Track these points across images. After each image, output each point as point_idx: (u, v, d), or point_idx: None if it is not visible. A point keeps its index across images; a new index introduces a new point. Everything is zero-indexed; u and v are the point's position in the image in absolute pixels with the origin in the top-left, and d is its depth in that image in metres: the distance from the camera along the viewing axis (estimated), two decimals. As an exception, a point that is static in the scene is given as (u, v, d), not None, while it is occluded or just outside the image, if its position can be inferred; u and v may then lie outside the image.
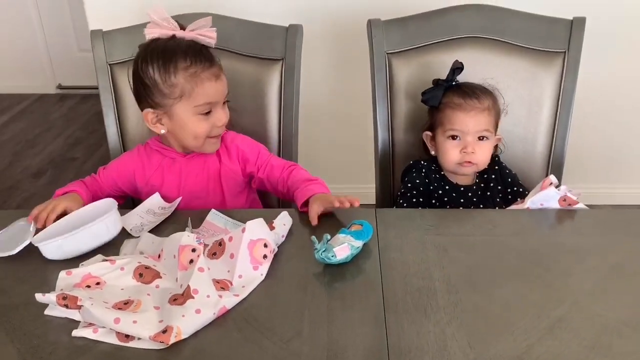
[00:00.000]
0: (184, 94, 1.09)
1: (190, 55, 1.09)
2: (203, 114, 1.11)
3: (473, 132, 1.22)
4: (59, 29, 3.46)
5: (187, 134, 1.13)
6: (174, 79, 1.08)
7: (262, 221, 0.96)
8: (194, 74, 1.09)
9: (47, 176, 2.69)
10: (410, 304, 0.85)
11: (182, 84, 1.09)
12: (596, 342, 0.78)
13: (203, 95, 1.10)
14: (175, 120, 1.12)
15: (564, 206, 1.09)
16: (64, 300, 0.82)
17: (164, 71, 1.08)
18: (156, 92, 1.10)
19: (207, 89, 1.10)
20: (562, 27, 1.35)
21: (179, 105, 1.10)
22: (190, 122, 1.11)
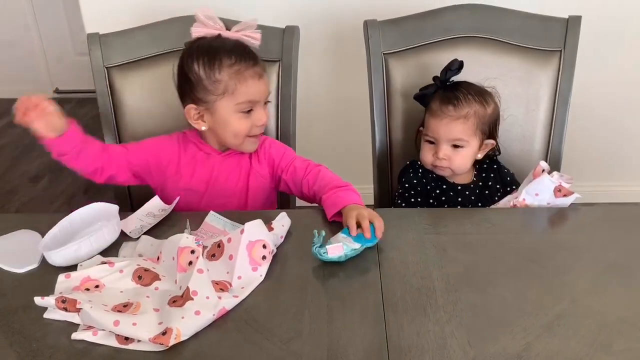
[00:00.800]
0: (227, 90, 1.10)
1: (235, 53, 1.10)
2: (244, 112, 1.12)
3: (445, 139, 1.23)
4: (55, 33, 3.45)
5: (228, 131, 1.14)
6: (218, 75, 1.09)
7: (260, 222, 0.96)
8: (237, 72, 1.10)
9: (45, 181, 2.69)
10: (410, 303, 0.85)
11: (226, 81, 1.10)
12: (595, 339, 0.79)
13: (245, 93, 1.11)
14: (217, 117, 1.12)
15: (559, 197, 1.09)
16: (63, 304, 0.82)
17: (209, 67, 1.09)
18: (200, 88, 1.11)
19: (249, 87, 1.11)
20: (558, 25, 1.36)
21: (221, 102, 1.11)
22: (231, 120, 1.12)
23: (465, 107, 1.21)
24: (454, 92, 1.23)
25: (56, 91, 3.60)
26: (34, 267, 0.95)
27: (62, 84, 3.59)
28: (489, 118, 1.25)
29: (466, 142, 1.23)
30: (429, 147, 1.26)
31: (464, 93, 1.22)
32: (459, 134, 1.22)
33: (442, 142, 1.23)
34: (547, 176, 1.10)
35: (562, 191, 1.09)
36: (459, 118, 1.21)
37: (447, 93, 1.23)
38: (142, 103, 1.40)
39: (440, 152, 1.23)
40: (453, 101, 1.21)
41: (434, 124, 1.23)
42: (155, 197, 1.13)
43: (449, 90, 1.24)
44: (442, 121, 1.22)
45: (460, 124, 1.21)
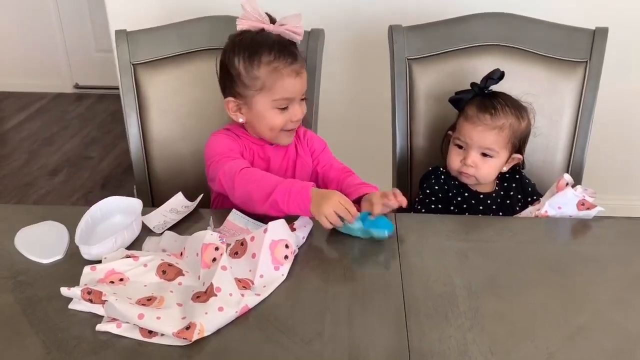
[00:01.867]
0: (264, 86, 1.12)
1: (275, 50, 1.11)
2: (280, 108, 1.14)
3: (476, 146, 1.22)
4: (78, 29, 3.49)
5: (264, 125, 1.16)
6: (257, 71, 1.11)
7: (283, 222, 0.97)
8: (275, 69, 1.11)
9: (63, 174, 2.72)
10: (432, 309, 0.85)
11: (264, 77, 1.11)
12: (617, 352, 0.78)
13: (282, 90, 1.12)
14: (254, 111, 1.15)
15: (582, 210, 1.08)
16: (88, 295, 0.83)
17: (249, 63, 1.11)
18: (239, 82, 1.13)
19: (286, 84, 1.12)
20: (584, 36, 1.35)
21: (259, 97, 1.13)
22: (267, 114, 1.14)
23: (502, 118, 1.21)
24: (492, 101, 1.22)
25: (76, 86, 3.65)
26: (59, 258, 0.97)
27: (82, 80, 3.64)
28: (522, 133, 1.25)
29: (496, 153, 1.22)
30: (457, 151, 1.26)
31: (502, 104, 1.22)
32: (491, 144, 1.22)
33: (473, 149, 1.22)
34: (570, 190, 1.09)
35: (586, 204, 1.08)
36: (495, 128, 1.21)
37: (485, 101, 1.23)
38: (166, 101, 1.41)
39: (469, 158, 1.23)
40: (491, 110, 1.21)
41: (468, 129, 1.23)
42: (178, 194, 1.14)
43: (487, 99, 1.23)
44: (477, 128, 1.21)
45: (494, 134, 1.21)
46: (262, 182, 1.03)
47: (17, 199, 2.50)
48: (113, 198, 1.05)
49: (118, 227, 1.00)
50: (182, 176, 1.41)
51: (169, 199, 1.12)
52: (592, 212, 1.08)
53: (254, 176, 1.05)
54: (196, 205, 1.11)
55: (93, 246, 0.94)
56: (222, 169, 1.09)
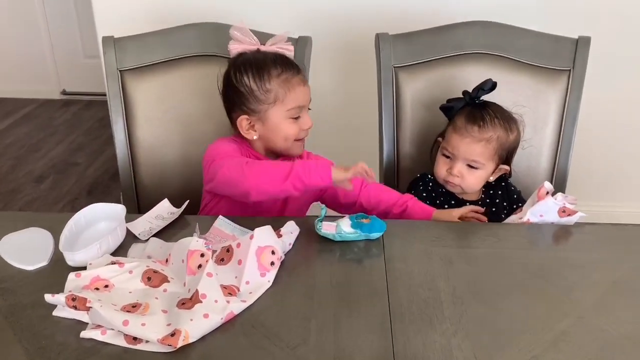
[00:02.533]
0: (277, 98, 1.16)
1: (279, 63, 1.17)
2: (293, 117, 1.18)
3: (462, 157, 1.23)
4: (66, 35, 3.48)
5: (279, 136, 1.19)
6: (269, 85, 1.16)
7: (269, 229, 0.97)
8: (286, 80, 1.16)
9: (50, 181, 2.70)
10: (416, 314, 0.86)
11: (276, 89, 1.16)
12: (599, 356, 0.79)
13: (294, 99, 1.17)
14: (268, 124, 1.18)
15: (564, 217, 1.10)
16: (73, 302, 0.83)
17: (259, 78, 1.16)
18: (252, 98, 1.16)
19: (297, 93, 1.17)
20: (568, 45, 1.38)
21: (273, 110, 1.17)
22: (282, 125, 1.18)
23: (490, 131, 1.21)
24: (481, 112, 1.23)
25: (63, 92, 3.63)
26: (44, 264, 0.96)
27: (70, 86, 3.62)
28: (510, 145, 1.25)
29: (482, 165, 1.23)
30: (444, 160, 1.27)
31: (491, 116, 1.23)
32: (477, 156, 1.22)
33: (459, 160, 1.24)
34: (551, 198, 1.11)
35: (567, 211, 1.10)
36: (481, 140, 1.21)
37: (474, 111, 1.23)
38: (153, 107, 1.41)
39: (454, 168, 1.24)
40: (479, 122, 1.21)
41: (456, 140, 1.23)
42: (164, 200, 1.14)
43: (477, 109, 1.24)
44: (464, 139, 1.22)
45: (481, 147, 1.22)
46: (275, 166, 1.10)
47: (3, 206, 2.48)
48: (97, 205, 1.05)
49: (102, 233, 1.00)
50: (169, 182, 1.41)
51: (155, 206, 1.12)
52: (573, 218, 1.10)
53: (264, 163, 1.13)
54: (182, 212, 1.11)
55: (77, 252, 0.94)
56: (225, 164, 1.11)
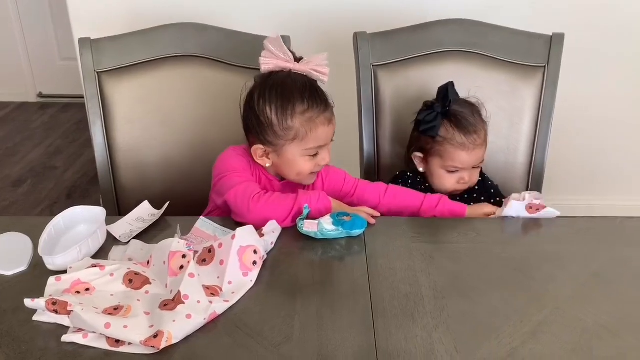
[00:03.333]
0: (297, 137, 1.10)
1: (307, 97, 1.09)
2: (311, 155, 1.13)
3: (470, 166, 1.26)
4: (41, 37, 3.43)
5: (292, 171, 1.15)
6: (290, 122, 1.09)
7: (251, 228, 0.97)
8: (310, 119, 1.09)
9: (27, 185, 2.66)
10: (398, 309, 0.87)
11: (298, 128, 1.09)
12: (577, 345, 0.81)
13: (315, 140, 1.11)
14: (283, 158, 1.13)
15: (534, 213, 1.11)
16: (53, 306, 0.82)
17: (282, 113, 1.09)
18: (270, 131, 1.10)
19: (320, 133, 1.10)
20: (542, 42, 1.40)
21: (290, 147, 1.11)
22: (297, 162, 1.13)
23: (482, 131, 1.26)
24: (465, 119, 1.24)
25: (40, 95, 3.58)
26: (23, 269, 0.95)
27: (46, 89, 3.57)
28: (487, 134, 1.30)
29: (483, 162, 1.29)
30: (450, 175, 1.27)
31: (473, 117, 1.25)
32: (483, 155, 1.27)
33: (467, 169, 1.26)
34: (513, 201, 1.11)
35: (534, 207, 1.11)
36: (482, 144, 1.26)
37: (461, 122, 1.24)
38: (132, 109, 1.40)
39: (466, 176, 1.26)
40: (473, 130, 1.24)
41: (464, 156, 1.24)
42: (145, 202, 1.13)
43: (457, 117, 1.24)
44: (471, 152, 1.24)
45: (482, 150, 1.26)
46: (279, 204, 1.06)
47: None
48: (77, 208, 1.04)
49: (82, 236, 0.99)
50: (149, 185, 1.40)
51: (135, 208, 1.11)
52: (542, 213, 1.11)
53: (269, 199, 1.06)
54: (163, 213, 1.11)
55: (57, 256, 0.93)
56: (233, 188, 1.08)
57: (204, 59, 1.37)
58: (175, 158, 1.40)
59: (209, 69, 1.38)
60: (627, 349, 0.81)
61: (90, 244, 0.97)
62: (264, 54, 1.11)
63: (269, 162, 1.15)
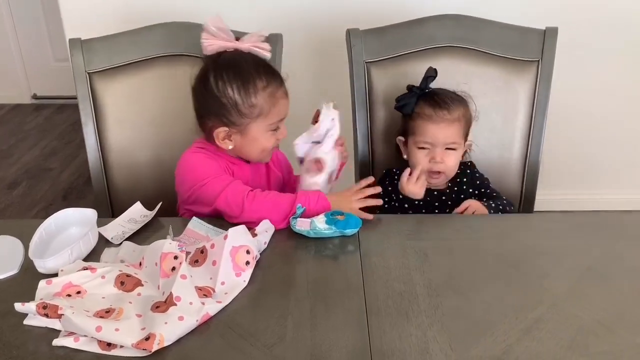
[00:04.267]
0: (262, 113, 1.11)
1: (264, 73, 1.11)
2: (273, 130, 1.14)
3: (442, 143, 1.24)
4: (34, 39, 3.41)
5: (256, 148, 1.15)
6: (254, 99, 1.10)
7: (244, 228, 0.96)
8: (271, 94, 1.11)
9: (23, 187, 2.65)
10: (392, 308, 0.86)
11: (262, 104, 1.11)
12: (573, 342, 0.80)
13: (277, 114, 1.13)
14: (248, 137, 1.13)
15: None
16: (44, 310, 0.81)
17: (244, 92, 1.10)
18: (234, 112, 1.10)
19: (281, 107, 1.13)
20: (536, 36, 1.39)
21: (255, 124, 1.12)
22: (261, 138, 1.14)
23: (456, 111, 1.24)
24: (440, 97, 1.25)
25: (34, 97, 3.57)
26: (13, 273, 0.94)
27: (41, 90, 3.55)
28: (470, 119, 1.29)
29: (458, 145, 1.25)
30: (423, 153, 1.26)
31: (451, 98, 1.26)
32: (454, 137, 1.24)
33: (438, 146, 1.24)
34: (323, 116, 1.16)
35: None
36: (454, 121, 1.24)
37: (434, 98, 1.25)
38: (124, 109, 1.39)
39: (437, 155, 1.24)
40: (446, 105, 1.24)
41: (432, 129, 1.24)
42: (137, 203, 1.13)
43: (433, 96, 1.26)
44: (439, 125, 1.23)
45: (455, 127, 1.24)
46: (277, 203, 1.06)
47: (-26, 214, 2.43)
48: (68, 210, 1.03)
49: (74, 239, 0.98)
50: (142, 185, 1.40)
51: (128, 209, 1.10)
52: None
53: (265, 198, 1.07)
54: (155, 214, 1.10)
55: (48, 259, 0.92)
56: (221, 194, 1.06)
57: (195, 58, 1.36)
58: (167, 158, 1.39)
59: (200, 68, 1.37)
60: (623, 345, 0.80)
61: (82, 246, 0.96)
62: (205, 35, 1.12)
63: (231, 144, 1.14)
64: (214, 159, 1.15)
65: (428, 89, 1.28)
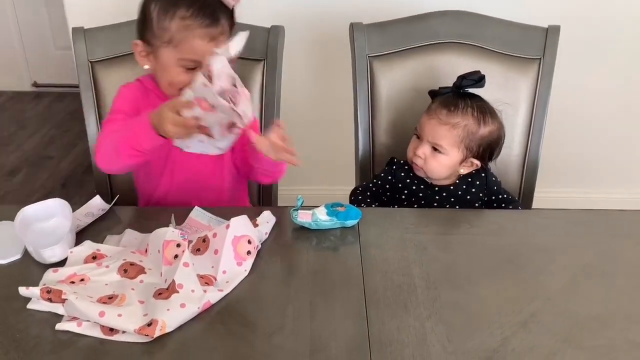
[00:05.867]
0: (171, 41, 1.06)
1: (195, 7, 1.04)
2: (187, 68, 1.07)
3: (427, 138, 1.24)
4: (36, 26, 3.40)
5: (164, 78, 1.11)
6: (167, 23, 1.05)
7: (246, 218, 0.97)
8: (187, 27, 1.04)
9: (22, 174, 2.65)
10: (391, 299, 0.88)
11: (173, 32, 1.05)
12: (567, 336, 0.82)
13: (190, 51, 1.05)
14: (159, 62, 1.09)
15: None
16: (48, 294, 0.82)
17: (162, 12, 1.05)
18: (149, 28, 1.08)
19: (196, 47, 1.05)
20: (538, 34, 1.40)
21: (165, 50, 1.07)
22: (170, 70, 1.08)
23: (457, 117, 1.21)
24: (457, 99, 1.24)
25: (34, 85, 3.56)
26: (17, 258, 0.95)
27: (41, 78, 3.54)
28: (481, 138, 1.23)
29: (445, 150, 1.23)
30: (415, 140, 1.28)
31: (466, 104, 1.23)
32: (440, 139, 1.22)
33: (425, 141, 1.24)
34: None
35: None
36: (446, 124, 1.21)
37: (453, 97, 1.24)
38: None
39: (419, 149, 1.24)
40: (449, 107, 1.22)
41: (424, 120, 1.25)
42: (96, 197, 1.11)
43: (456, 97, 1.24)
44: (430, 120, 1.23)
45: (444, 130, 1.22)
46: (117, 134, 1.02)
47: (-26, 201, 2.44)
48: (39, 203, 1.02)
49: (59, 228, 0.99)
50: (144, 174, 1.40)
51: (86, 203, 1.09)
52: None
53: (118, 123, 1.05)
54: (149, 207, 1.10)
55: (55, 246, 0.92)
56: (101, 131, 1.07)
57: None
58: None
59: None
60: (617, 339, 0.82)
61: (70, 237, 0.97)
62: None
63: (148, 63, 1.12)
64: (139, 96, 1.13)
65: (464, 90, 1.26)
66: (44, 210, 1.02)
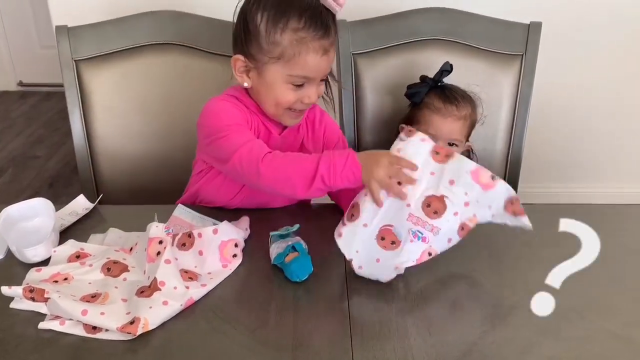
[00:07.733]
0: (282, 56, 0.97)
1: (307, 16, 0.95)
2: (295, 84, 1.00)
3: (445, 138, 1.26)
4: (20, 25, 3.38)
5: (270, 97, 1.01)
6: (279, 37, 0.96)
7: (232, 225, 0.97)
8: (301, 40, 0.96)
9: (8, 174, 2.64)
10: (374, 293, 0.88)
11: (285, 46, 0.96)
12: (546, 328, 0.83)
13: (302, 67, 0.97)
14: (263, 79, 1.00)
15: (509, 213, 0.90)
16: (30, 293, 0.82)
17: (272, 24, 0.96)
18: (255, 43, 0.98)
19: (309, 61, 0.97)
20: (520, 30, 1.41)
21: (273, 67, 0.98)
22: (277, 87, 0.99)
23: (464, 109, 1.25)
24: (451, 93, 1.25)
25: (20, 84, 3.54)
26: (0, 257, 0.95)
27: (27, 77, 3.53)
28: (474, 121, 1.29)
29: (460, 142, 1.26)
30: None
31: (462, 95, 1.26)
32: (458, 134, 1.25)
33: (440, 139, 1.25)
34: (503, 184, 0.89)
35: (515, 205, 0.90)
36: (461, 118, 1.24)
37: (445, 92, 1.26)
38: (111, 97, 1.39)
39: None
40: (455, 101, 1.24)
41: (438, 121, 1.25)
42: (80, 196, 1.11)
43: (445, 90, 1.26)
44: (446, 119, 1.24)
45: (460, 125, 1.25)
46: (297, 166, 0.90)
47: (-41, 201, 2.41)
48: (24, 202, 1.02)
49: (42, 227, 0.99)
50: (129, 174, 1.40)
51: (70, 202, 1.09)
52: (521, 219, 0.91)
53: (283, 160, 0.92)
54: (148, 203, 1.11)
55: (38, 246, 0.92)
56: (236, 153, 0.94)
57: (183, 47, 1.37)
58: (154, 146, 1.40)
59: (188, 56, 1.38)
60: (594, 330, 0.83)
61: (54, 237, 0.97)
62: None
63: (248, 81, 1.02)
64: (240, 109, 1.03)
65: (441, 83, 1.28)
66: (27, 210, 1.02)
